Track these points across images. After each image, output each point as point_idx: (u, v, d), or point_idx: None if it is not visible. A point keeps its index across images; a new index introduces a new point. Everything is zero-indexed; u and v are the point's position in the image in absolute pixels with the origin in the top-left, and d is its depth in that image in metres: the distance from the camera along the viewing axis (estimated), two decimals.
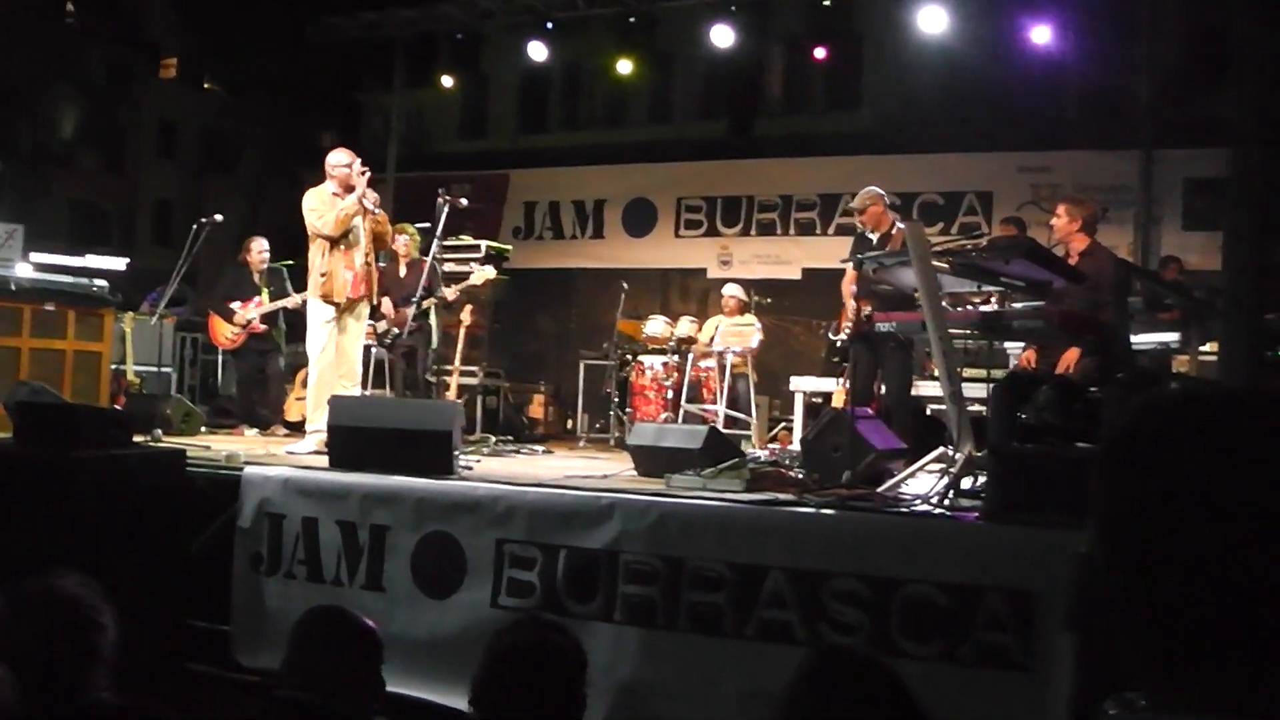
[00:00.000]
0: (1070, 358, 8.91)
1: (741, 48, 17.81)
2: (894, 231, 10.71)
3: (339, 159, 11.04)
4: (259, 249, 14.12)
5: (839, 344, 12.34)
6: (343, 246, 10.80)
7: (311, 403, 10.68)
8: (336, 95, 31.24)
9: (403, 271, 12.44)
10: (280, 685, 4.00)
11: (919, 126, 20.18)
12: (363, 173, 10.95)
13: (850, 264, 10.41)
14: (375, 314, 12.22)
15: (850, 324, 10.65)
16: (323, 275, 10.76)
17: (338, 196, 10.87)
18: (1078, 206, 9.56)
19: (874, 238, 10.82)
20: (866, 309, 9.86)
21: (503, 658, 3.62)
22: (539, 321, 22.70)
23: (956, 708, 6.07)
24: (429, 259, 11.96)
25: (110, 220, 43.56)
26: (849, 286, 11.05)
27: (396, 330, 12.16)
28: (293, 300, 13.56)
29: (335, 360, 10.78)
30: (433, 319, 13.09)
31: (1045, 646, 6.23)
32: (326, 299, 10.75)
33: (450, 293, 13.38)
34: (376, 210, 10.97)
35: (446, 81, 20.78)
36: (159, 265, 27.17)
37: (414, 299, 11.98)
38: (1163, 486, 1.38)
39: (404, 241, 13.19)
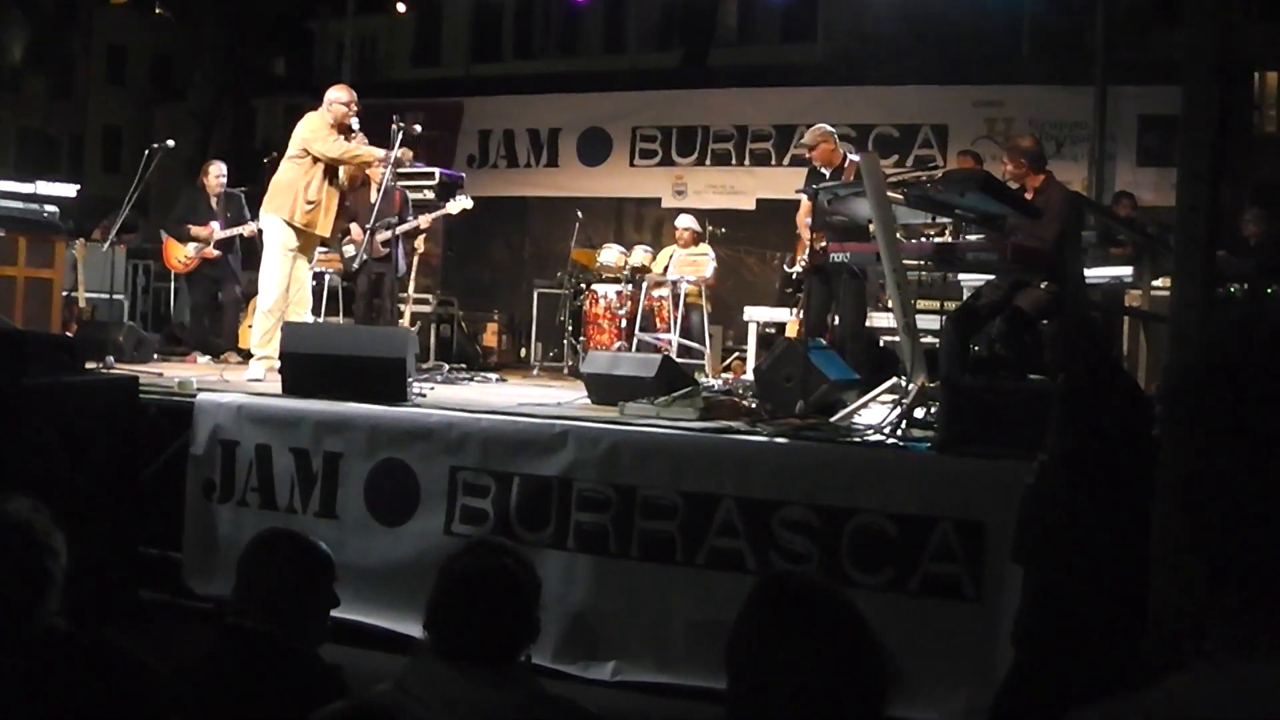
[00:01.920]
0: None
1: None
2: (846, 165, 10.73)
3: (339, 95, 11.06)
4: (216, 173, 14.04)
5: (794, 275, 12.35)
6: (335, 183, 10.92)
7: (265, 328, 10.62)
8: (288, 22, 30.95)
9: (374, 197, 12.37)
10: (230, 611, 4.00)
11: (873, 59, 20.15)
12: (358, 113, 11.02)
13: (805, 196, 10.44)
14: (340, 241, 12.21)
15: (805, 255, 10.66)
16: (310, 203, 10.76)
17: (334, 129, 10.86)
18: (1016, 149, 9.55)
19: (827, 173, 10.83)
20: (821, 240, 9.87)
21: (456, 582, 3.62)
22: (493, 250, 22.64)
23: (905, 637, 6.14)
24: (383, 184, 11.92)
25: (59, 147, 43.14)
26: (804, 219, 11.06)
27: (365, 255, 12.09)
28: (249, 228, 13.48)
29: (290, 288, 10.76)
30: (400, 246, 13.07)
31: (994, 577, 6.30)
32: (308, 227, 10.79)
33: (425, 220, 13.35)
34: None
35: (400, 8, 20.63)
36: (109, 192, 26.95)
37: (385, 224, 12.00)
38: (1259, 419, 1.35)
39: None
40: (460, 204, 13.46)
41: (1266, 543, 1.33)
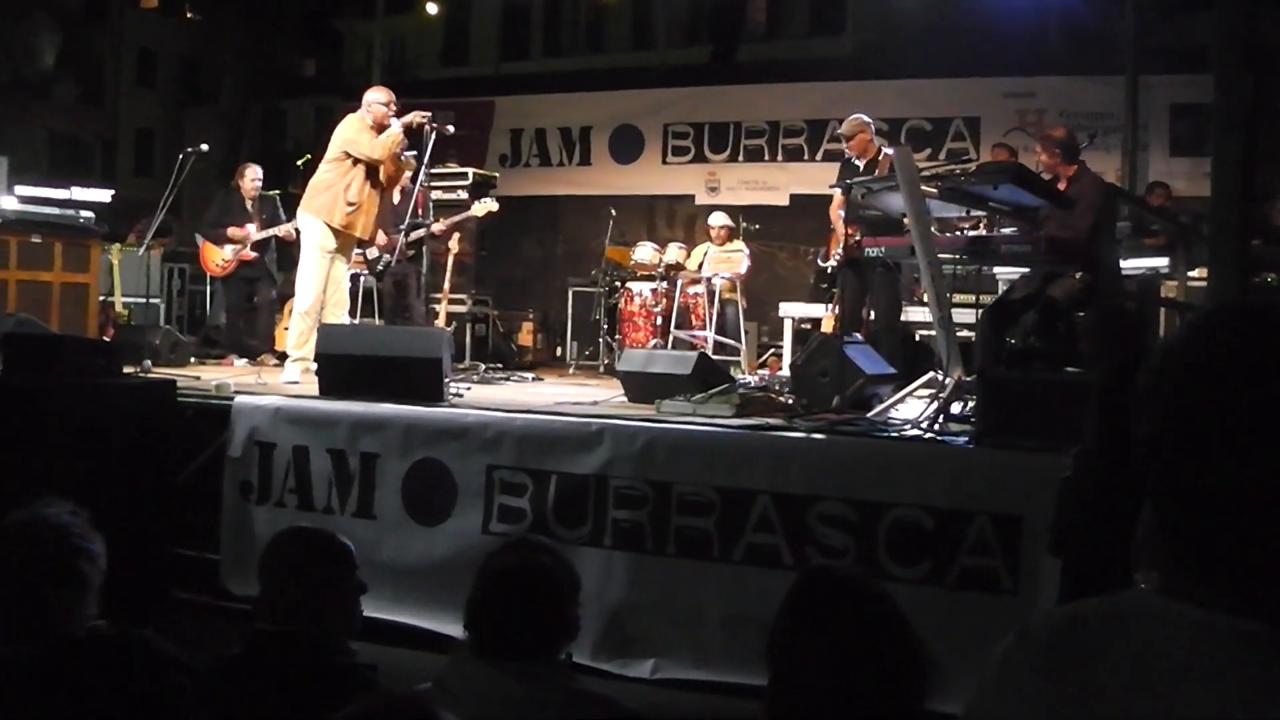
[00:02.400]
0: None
1: None
2: (880, 158, 10.71)
3: (378, 96, 11.03)
4: (253, 176, 14.06)
5: (829, 270, 12.33)
6: (376, 185, 10.89)
7: (301, 330, 10.61)
8: (317, 23, 31.03)
9: (396, 199, 12.40)
10: (258, 617, 4.01)
11: (902, 52, 20.11)
12: (397, 113, 10.99)
13: (838, 189, 10.43)
14: (367, 242, 12.19)
15: (840, 250, 10.64)
16: (351, 205, 10.71)
17: (373, 130, 10.85)
18: (1049, 139, 9.48)
19: (860, 164, 10.81)
20: (854, 234, 9.86)
21: (495, 581, 3.63)
22: (526, 249, 22.65)
23: (942, 631, 6.10)
24: (417, 187, 11.92)
25: (91, 151, 43.27)
26: (836, 212, 11.06)
27: (389, 257, 12.12)
28: (285, 229, 13.52)
29: (328, 289, 10.75)
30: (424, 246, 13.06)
31: (1031, 570, 6.27)
32: (347, 229, 10.75)
33: (442, 225, 13.38)
34: (407, 154, 11.05)
35: (430, 8, 20.67)
36: (141, 195, 27.04)
37: (414, 224, 12.01)
38: (1219, 398, 1.39)
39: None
40: (485, 205, 13.51)
41: (1237, 503, 1.39)
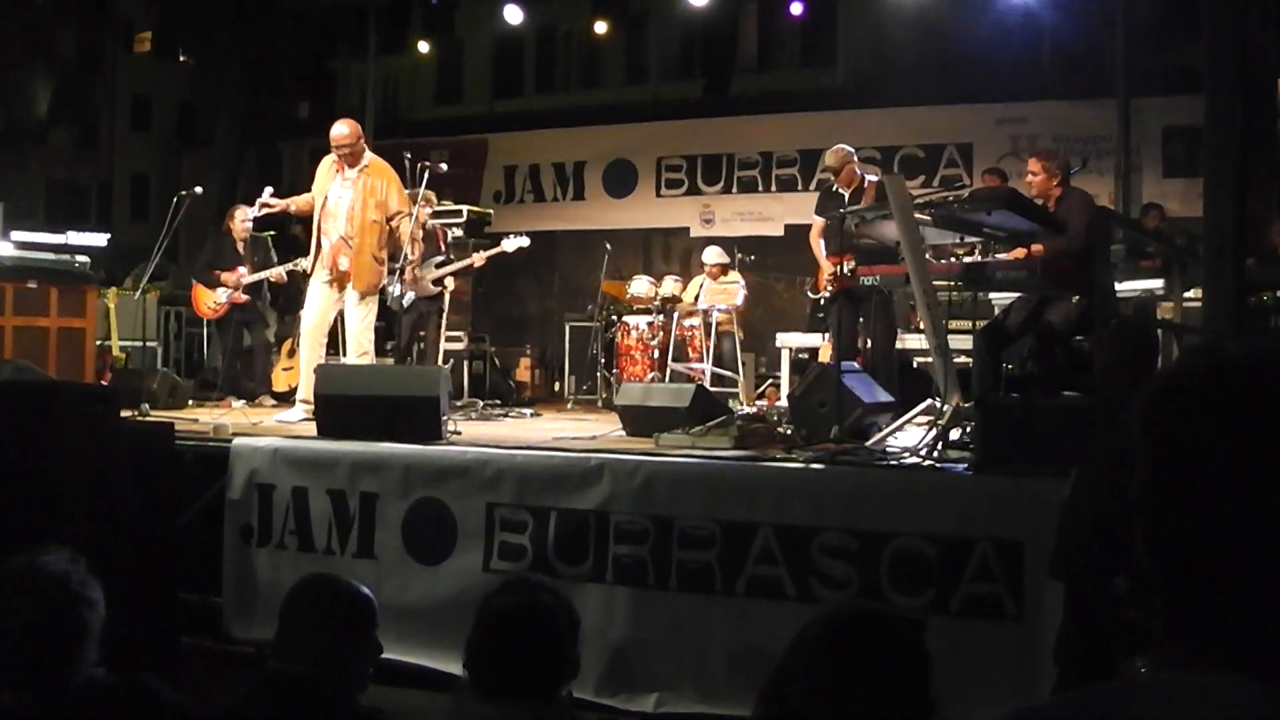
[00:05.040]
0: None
1: (715, 6, 17.67)
2: (865, 185, 10.70)
3: (333, 131, 10.90)
4: (242, 217, 13.99)
5: (821, 301, 12.30)
6: (322, 217, 10.80)
7: (299, 371, 10.67)
8: (311, 65, 31.02)
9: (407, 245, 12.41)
10: (273, 657, 3.99)
11: (895, 81, 20.12)
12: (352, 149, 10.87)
13: (817, 218, 10.50)
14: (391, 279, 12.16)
15: (829, 281, 10.62)
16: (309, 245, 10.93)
17: (334, 166, 10.85)
18: (1051, 160, 9.51)
19: (845, 194, 10.80)
20: (850, 263, 9.85)
21: (494, 621, 3.62)
22: (523, 285, 22.62)
23: (948, 659, 6.06)
24: (431, 225, 11.92)
25: (87, 197, 43.25)
26: (817, 239, 11.05)
27: (413, 294, 12.07)
28: (275, 272, 13.51)
29: (318, 326, 10.74)
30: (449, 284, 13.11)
31: (1035, 595, 6.26)
32: (320, 266, 10.78)
33: (479, 258, 13.42)
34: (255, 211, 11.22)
35: (421, 48, 20.72)
36: (138, 240, 27.02)
37: (437, 262, 12.03)
38: (1215, 449, 1.36)
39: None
40: (516, 243, 13.50)
41: (1217, 561, 1.36)
